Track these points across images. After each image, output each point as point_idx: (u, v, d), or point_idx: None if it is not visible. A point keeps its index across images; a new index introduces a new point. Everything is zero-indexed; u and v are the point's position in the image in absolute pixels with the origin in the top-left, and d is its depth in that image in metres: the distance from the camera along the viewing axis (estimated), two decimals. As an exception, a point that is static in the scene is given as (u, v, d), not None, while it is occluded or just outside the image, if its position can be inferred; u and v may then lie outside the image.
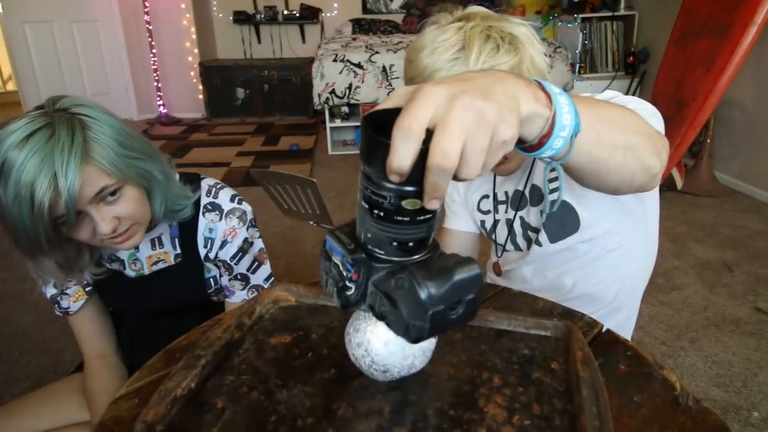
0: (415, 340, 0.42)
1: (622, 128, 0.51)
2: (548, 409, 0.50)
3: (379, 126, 0.36)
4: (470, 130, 0.35)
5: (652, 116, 0.71)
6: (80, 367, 1.06)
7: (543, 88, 0.44)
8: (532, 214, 0.92)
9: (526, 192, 0.92)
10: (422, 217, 0.39)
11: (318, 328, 0.65)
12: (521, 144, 0.46)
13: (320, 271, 0.49)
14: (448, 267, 0.40)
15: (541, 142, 0.45)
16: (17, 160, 0.67)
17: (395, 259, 0.41)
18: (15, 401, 1.01)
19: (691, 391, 0.54)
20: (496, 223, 0.99)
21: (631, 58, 4.24)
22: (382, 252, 0.41)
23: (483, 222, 1.02)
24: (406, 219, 0.39)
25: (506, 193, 0.96)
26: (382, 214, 0.39)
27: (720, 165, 3.20)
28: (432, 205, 0.36)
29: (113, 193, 0.75)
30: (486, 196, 1.00)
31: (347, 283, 0.44)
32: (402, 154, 0.34)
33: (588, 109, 0.47)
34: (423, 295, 0.39)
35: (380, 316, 0.43)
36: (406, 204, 0.37)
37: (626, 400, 0.52)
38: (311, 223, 0.74)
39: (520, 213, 0.95)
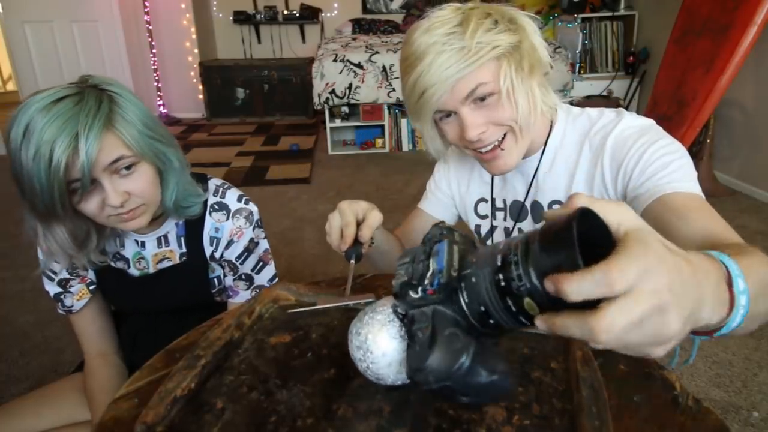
0: (411, 379, 0.41)
1: None
2: (548, 409, 0.50)
3: (584, 230, 0.33)
4: (641, 327, 0.32)
5: (690, 164, 0.72)
6: (80, 367, 1.06)
7: (731, 283, 0.41)
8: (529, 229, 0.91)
9: (527, 204, 0.91)
10: (523, 320, 0.37)
11: (318, 328, 0.65)
12: None
13: (407, 252, 0.46)
14: (494, 368, 0.39)
15: (698, 333, 0.43)
16: (42, 120, 0.69)
17: (469, 318, 0.40)
18: (15, 401, 1.01)
19: (691, 391, 0.53)
20: (493, 229, 0.98)
21: (631, 58, 4.24)
22: (467, 302, 0.40)
23: (478, 227, 1.00)
24: (513, 308, 0.37)
25: (504, 200, 0.95)
26: (503, 284, 0.36)
27: (720, 165, 3.20)
28: (540, 327, 0.35)
29: (128, 168, 0.77)
30: (483, 200, 0.98)
31: (419, 289, 0.42)
32: (579, 291, 0.32)
33: (753, 292, 0.43)
34: (460, 368, 0.38)
35: (410, 335, 0.42)
36: (527, 303, 0.35)
37: (626, 400, 0.52)
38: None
39: (519, 224, 0.93)
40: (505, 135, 0.78)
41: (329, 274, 2.23)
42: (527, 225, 0.92)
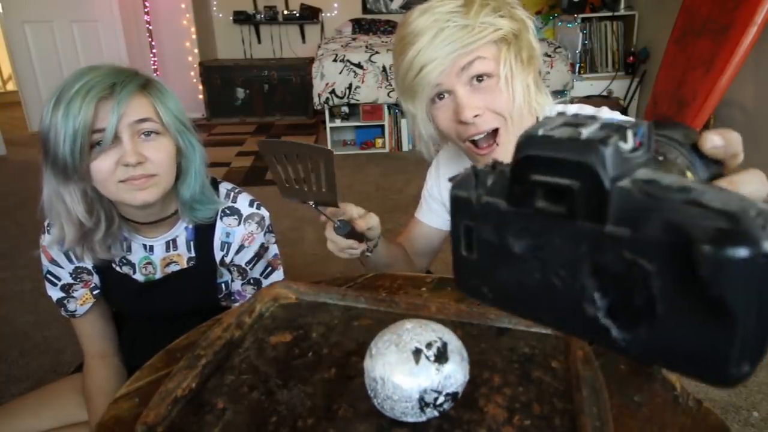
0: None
1: None
2: (548, 409, 0.50)
3: None
4: None
5: None
6: (80, 368, 1.05)
7: None
8: None
9: None
10: None
11: (318, 327, 0.65)
12: None
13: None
14: None
15: None
16: (82, 76, 0.75)
17: None
18: (15, 401, 1.01)
19: (691, 391, 0.53)
20: None
21: (631, 58, 4.24)
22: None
23: None
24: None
25: None
26: None
27: (720, 165, 3.20)
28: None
29: (151, 134, 0.80)
30: None
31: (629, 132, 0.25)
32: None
33: None
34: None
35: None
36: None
37: (626, 400, 0.52)
38: (310, 204, 0.72)
39: None
40: (497, 130, 0.76)
41: (329, 274, 2.23)
42: None
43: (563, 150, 0.25)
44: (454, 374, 0.47)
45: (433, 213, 1.03)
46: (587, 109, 0.84)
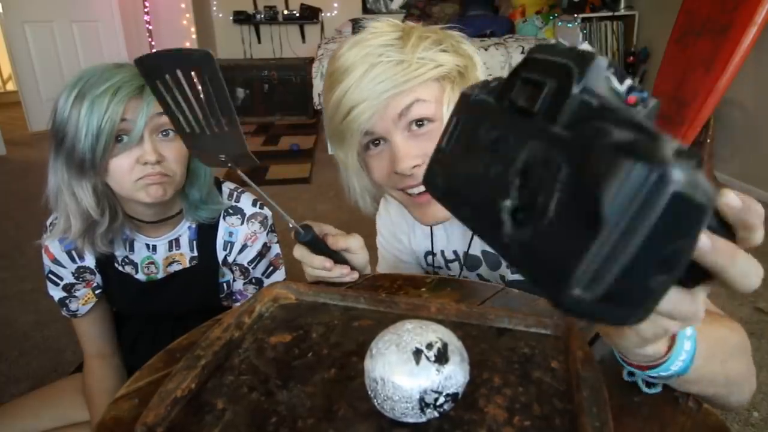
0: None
1: (728, 369, 0.49)
2: (548, 409, 0.50)
3: None
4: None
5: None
6: (80, 368, 1.06)
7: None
8: (487, 275, 0.85)
9: (477, 253, 0.84)
10: None
11: (318, 327, 0.65)
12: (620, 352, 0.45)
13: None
14: None
15: (642, 368, 0.45)
16: (108, 74, 0.76)
17: None
18: (15, 401, 1.01)
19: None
20: (451, 277, 0.91)
21: (631, 58, 4.25)
22: None
23: (436, 274, 0.93)
24: None
25: (455, 252, 0.86)
26: None
27: (720, 165, 3.20)
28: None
29: (169, 133, 0.81)
30: (430, 253, 0.89)
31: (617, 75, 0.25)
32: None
33: (707, 356, 0.44)
34: None
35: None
36: None
37: (626, 400, 0.52)
38: (222, 160, 0.61)
39: (477, 272, 0.86)
40: None
41: (329, 274, 2.23)
42: (484, 271, 0.86)
43: (557, 54, 0.26)
44: (455, 375, 0.47)
45: (404, 263, 0.95)
46: None
